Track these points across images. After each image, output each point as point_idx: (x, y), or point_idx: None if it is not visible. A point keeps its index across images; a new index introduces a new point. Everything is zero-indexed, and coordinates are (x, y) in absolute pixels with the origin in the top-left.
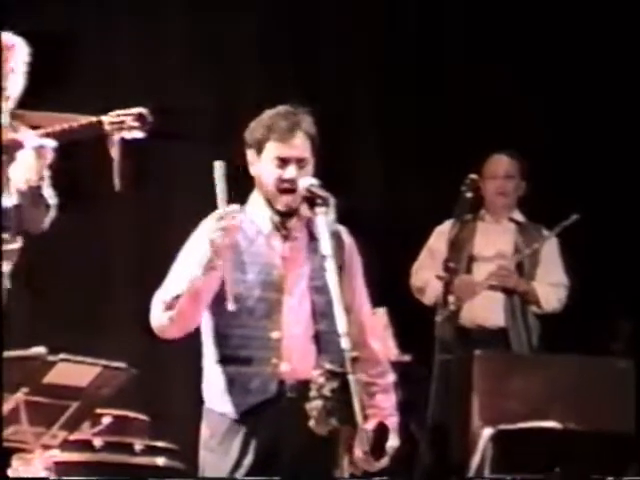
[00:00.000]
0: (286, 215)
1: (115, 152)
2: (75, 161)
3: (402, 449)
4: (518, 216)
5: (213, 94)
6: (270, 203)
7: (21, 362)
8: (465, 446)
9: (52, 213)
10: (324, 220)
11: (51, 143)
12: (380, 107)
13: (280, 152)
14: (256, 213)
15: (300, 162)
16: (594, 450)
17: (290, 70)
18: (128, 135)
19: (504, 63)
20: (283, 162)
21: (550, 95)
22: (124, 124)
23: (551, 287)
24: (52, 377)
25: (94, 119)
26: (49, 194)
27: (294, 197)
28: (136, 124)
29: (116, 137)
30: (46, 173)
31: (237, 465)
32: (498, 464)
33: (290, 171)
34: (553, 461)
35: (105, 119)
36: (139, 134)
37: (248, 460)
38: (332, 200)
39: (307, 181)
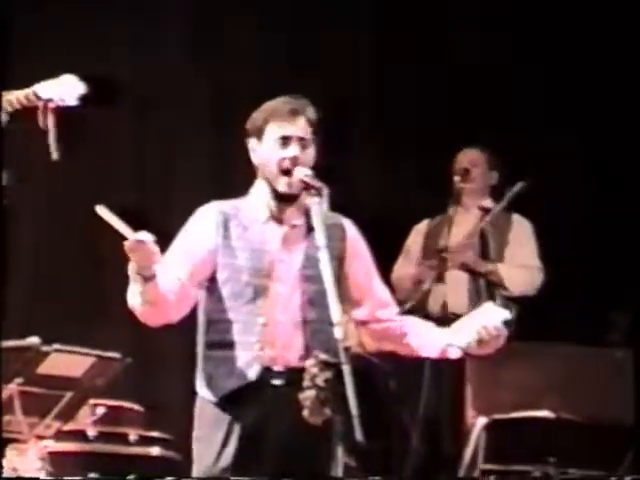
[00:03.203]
0: (286, 200)
1: (50, 121)
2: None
3: (394, 441)
4: (488, 204)
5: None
6: (272, 186)
7: (15, 352)
8: (459, 436)
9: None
10: (318, 210)
11: None
12: (379, 101)
13: (282, 131)
14: (255, 201)
15: (302, 141)
16: (588, 440)
17: (289, 64)
18: (62, 103)
19: (503, 60)
20: (285, 141)
21: (551, 88)
22: (59, 92)
23: (518, 269)
24: (46, 367)
25: (30, 91)
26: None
27: (295, 179)
28: (70, 91)
29: (51, 105)
30: None
31: (220, 452)
32: (491, 454)
33: (292, 149)
34: (547, 451)
35: (40, 89)
36: (73, 101)
37: (231, 448)
38: (326, 190)
39: (301, 172)
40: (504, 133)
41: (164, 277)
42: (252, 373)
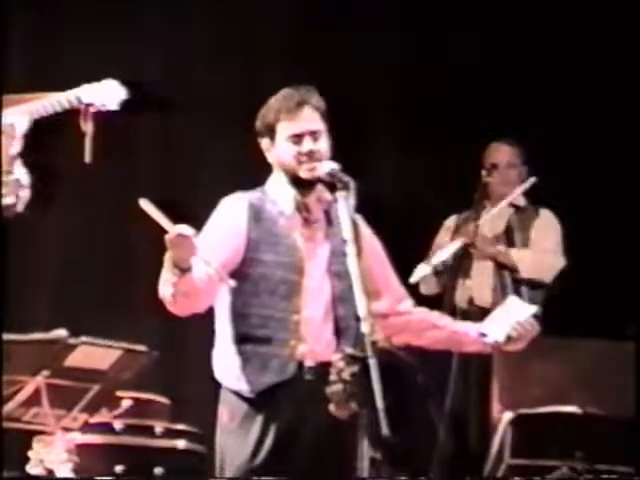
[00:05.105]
0: (307, 187)
1: (89, 124)
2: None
3: (420, 435)
4: (520, 201)
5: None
6: (293, 178)
7: (42, 345)
8: (485, 430)
9: (25, 193)
10: (345, 204)
11: (21, 121)
12: (396, 95)
13: (292, 129)
14: (278, 193)
15: (313, 134)
16: (615, 435)
17: (314, 62)
18: (103, 107)
19: (504, 60)
20: (297, 138)
21: (563, 85)
22: (101, 97)
23: (531, 253)
24: (73, 360)
25: (71, 94)
26: (21, 173)
27: (317, 165)
28: (112, 96)
29: (92, 110)
30: (16, 151)
31: (257, 448)
32: (518, 448)
33: (306, 144)
34: (573, 445)
35: (81, 92)
36: (114, 106)
37: (268, 443)
38: (353, 184)
39: (328, 165)
40: (530, 127)
41: (195, 268)
42: (289, 370)
